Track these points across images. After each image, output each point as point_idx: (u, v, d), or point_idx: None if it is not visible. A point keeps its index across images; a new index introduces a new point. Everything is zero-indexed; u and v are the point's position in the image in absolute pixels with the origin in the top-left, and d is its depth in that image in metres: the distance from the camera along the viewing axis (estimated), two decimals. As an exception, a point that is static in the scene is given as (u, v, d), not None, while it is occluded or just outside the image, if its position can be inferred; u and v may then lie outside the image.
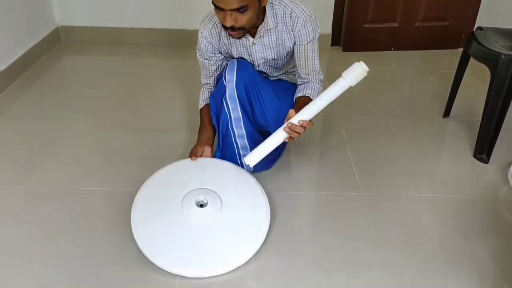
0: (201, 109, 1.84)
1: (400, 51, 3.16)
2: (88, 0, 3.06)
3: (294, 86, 1.81)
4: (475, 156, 2.01)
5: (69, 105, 2.42)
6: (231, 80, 1.61)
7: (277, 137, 1.55)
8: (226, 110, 1.65)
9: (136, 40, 3.14)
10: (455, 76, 2.22)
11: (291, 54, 1.76)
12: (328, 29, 3.14)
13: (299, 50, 1.68)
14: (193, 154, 1.71)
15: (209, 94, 1.80)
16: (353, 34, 3.12)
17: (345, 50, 3.16)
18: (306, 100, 1.62)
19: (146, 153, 1.99)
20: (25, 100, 2.45)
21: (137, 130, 2.17)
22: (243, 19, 1.48)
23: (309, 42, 1.67)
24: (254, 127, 1.72)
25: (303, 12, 1.62)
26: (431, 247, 1.56)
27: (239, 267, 1.45)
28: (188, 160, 1.72)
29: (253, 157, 1.58)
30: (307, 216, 1.73)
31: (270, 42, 1.67)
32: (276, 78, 1.87)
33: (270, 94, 1.68)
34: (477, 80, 2.34)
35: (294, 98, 1.71)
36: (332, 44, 3.20)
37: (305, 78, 1.73)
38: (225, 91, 1.62)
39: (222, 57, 1.77)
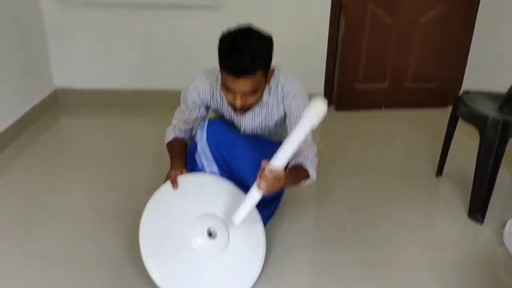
0: (168, 143, 1.83)
1: (391, 109, 3.25)
2: (86, 62, 3.15)
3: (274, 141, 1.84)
4: (469, 216, 2.03)
5: (66, 167, 2.43)
6: (201, 138, 1.66)
7: (252, 193, 1.49)
8: (200, 166, 1.68)
9: (132, 101, 3.21)
10: (446, 136, 2.28)
11: (279, 125, 1.79)
12: (321, 89, 3.23)
13: (290, 121, 1.69)
14: (173, 179, 1.60)
15: (178, 134, 1.82)
16: (345, 94, 3.22)
17: (337, 109, 3.23)
18: (299, 168, 1.62)
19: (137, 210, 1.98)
20: (22, 163, 2.46)
21: (135, 190, 2.18)
22: (252, 100, 1.54)
23: (300, 113, 1.65)
24: (233, 180, 1.72)
25: (294, 86, 1.67)
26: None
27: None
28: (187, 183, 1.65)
29: (238, 216, 1.54)
30: (303, 276, 1.72)
31: (260, 115, 1.72)
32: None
33: (245, 147, 1.67)
34: (468, 139, 2.38)
35: (287, 169, 1.69)
36: (324, 104, 3.27)
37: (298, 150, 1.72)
38: (197, 148, 1.67)
39: (206, 112, 1.81)
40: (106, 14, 3.03)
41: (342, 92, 3.21)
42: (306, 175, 1.65)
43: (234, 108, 1.58)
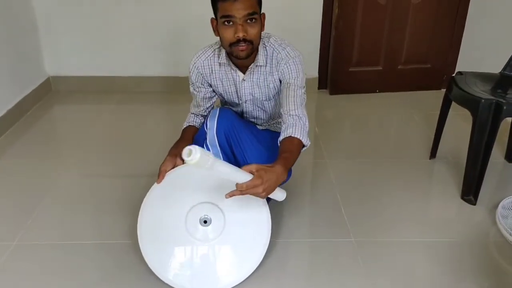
0: (183, 129, 1.86)
1: (385, 92, 3.24)
2: (79, 50, 3.13)
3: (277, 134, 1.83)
4: (462, 198, 2.05)
5: (60, 155, 2.44)
6: (211, 127, 1.65)
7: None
8: None
9: (126, 88, 3.19)
10: (439, 118, 2.28)
11: (276, 98, 1.80)
12: (315, 73, 3.22)
13: (282, 88, 1.70)
14: (161, 171, 1.59)
15: (194, 119, 1.86)
16: (339, 78, 3.21)
17: (332, 93, 3.23)
18: (289, 142, 1.59)
19: (138, 202, 1.99)
20: (16, 151, 2.46)
21: (129, 177, 2.19)
22: (253, 31, 1.56)
23: (292, 80, 1.67)
24: None
25: (288, 53, 1.69)
26: (424, 293, 1.57)
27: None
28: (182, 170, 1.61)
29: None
30: (299, 263, 1.73)
31: (259, 80, 1.73)
32: (264, 128, 1.91)
33: (252, 141, 1.70)
34: (461, 121, 2.40)
35: (278, 141, 1.69)
36: (319, 88, 3.27)
37: (287, 116, 1.67)
38: (206, 138, 1.66)
39: (211, 89, 1.82)
40: (98, 1, 3.00)
41: (336, 75, 3.21)
42: (300, 145, 1.61)
43: (239, 47, 1.56)
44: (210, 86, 1.82)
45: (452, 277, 1.62)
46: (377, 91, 3.25)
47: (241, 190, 1.37)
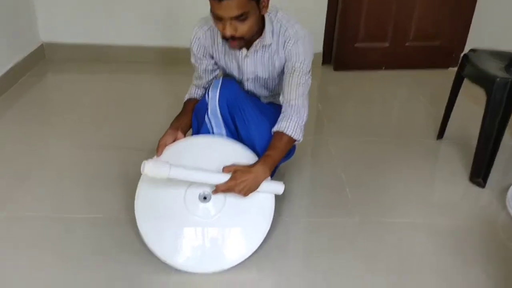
0: (184, 102, 1.77)
1: (391, 70, 3.14)
2: (74, 17, 3.00)
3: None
4: (471, 180, 1.97)
5: (52, 124, 2.34)
6: (213, 97, 1.55)
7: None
8: (209, 127, 1.58)
9: (121, 58, 3.07)
10: (449, 98, 2.19)
11: (281, 76, 1.70)
12: (319, 48, 3.11)
13: (286, 71, 1.59)
14: (160, 145, 1.52)
15: (196, 91, 1.76)
16: (344, 53, 3.10)
17: (336, 69, 3.12)
18: (278, 138, 1.53)
19: (134, 176, 1.91)
20: (6, 120, 2.36)
21: (122, 149, 2.10)
22: (243, 28, 1.43)
23: (298, 64, 1.57)
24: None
25: (296, 32, 1.57)
26: (429, 274, 1.51)
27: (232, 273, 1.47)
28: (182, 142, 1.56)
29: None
30: (299, 242, 1.67)
31: (263, 58, 1.62)
32: (267, 101, 1.81)
33: (257, 113, 1.59)
34: (471, 102, 2.31)
35: (272, 130, 1.59)
36: (323, 63, 3.16)
37: (286, 105, 1.59)
38: (207, 108, 1.56)
39: (213, 62, 1.71)
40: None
41: (341, 51, 3.09)
42: (290, 141, 1.55)
43: (226, 39, 1.46)
44: (212, 58, 1.70)
45: (457, 261, 1.56)
46: (383, 68, 3.14)
47: (218, 191, 1.45)
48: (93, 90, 2.74)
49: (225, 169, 1.46)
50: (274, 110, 1.70)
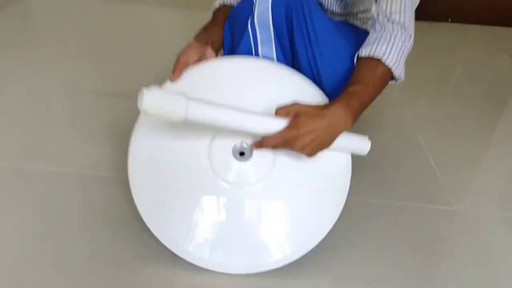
0: (214, 10, 1.21)
1: (459, 23, 2.65)
2: None
3: (366, 34, 1.17)
4: None
5: (34, 56, 1.86)
6: None
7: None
8: (252, 42, 1.02)
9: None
10: None
11: None
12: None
13: None
14: (179, 63, 0.96)
15: None
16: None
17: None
18: (368, 67, 0.99)
19: (128, 126, 1.40)
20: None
21: (122, 97, 1.59)
22: None
23: None
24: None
25: None
26: None
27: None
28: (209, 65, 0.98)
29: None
30: (374, 230, 1.14)
31: None
32: (342, 20, 1.24)
33: (330, 27, 1.04)
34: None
35: (357, 54, 1.05)
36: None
37: (384, 21, 1.03)
38: (254, 12, 0.99)
39: None
40: None
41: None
42: (387, 75, 1.01)
43: None
44: None
45: None
46: (449, 20, 2.67)
47: (266, 146, 0.89)
48: (90, 18, 2.29)
49: (280, 111, 0.90)
50: (352, 32, 1.14)
